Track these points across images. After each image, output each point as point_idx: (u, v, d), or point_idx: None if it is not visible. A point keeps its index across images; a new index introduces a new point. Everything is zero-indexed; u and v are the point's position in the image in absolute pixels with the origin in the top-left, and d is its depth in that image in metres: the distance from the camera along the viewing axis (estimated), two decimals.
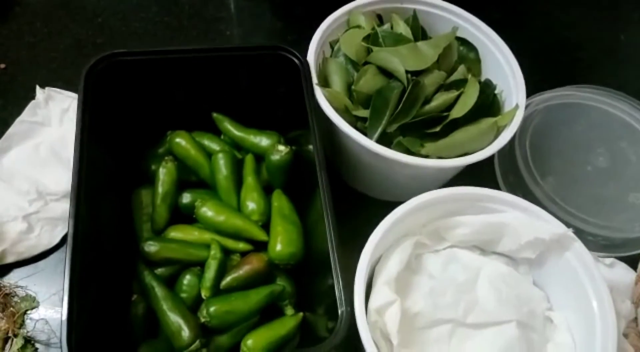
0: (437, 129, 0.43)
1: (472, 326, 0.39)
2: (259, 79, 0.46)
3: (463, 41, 0.49)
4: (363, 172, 0.47)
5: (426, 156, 0.42)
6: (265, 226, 0.43)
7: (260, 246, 0.43)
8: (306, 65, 0.43)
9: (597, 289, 0.37)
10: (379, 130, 0.42)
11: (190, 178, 0.47)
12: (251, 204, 0.44)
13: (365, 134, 0.42)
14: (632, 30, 0.66)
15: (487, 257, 0.42)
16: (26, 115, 0.50)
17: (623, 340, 0.41)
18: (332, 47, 0.48)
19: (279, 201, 0.44)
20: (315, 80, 0.43)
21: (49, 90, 0.51)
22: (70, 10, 0.59)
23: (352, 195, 0.50)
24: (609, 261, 0.46)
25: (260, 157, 0.47)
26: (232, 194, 0.45)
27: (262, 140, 0.46)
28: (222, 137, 0.49)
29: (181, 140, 0.46)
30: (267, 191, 0.46)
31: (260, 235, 0.42)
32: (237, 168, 0.46)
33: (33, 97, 0.52)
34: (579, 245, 0.38)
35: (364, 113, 0.43)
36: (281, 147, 0.44)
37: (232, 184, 0.45)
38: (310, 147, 0.40)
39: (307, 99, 0.42)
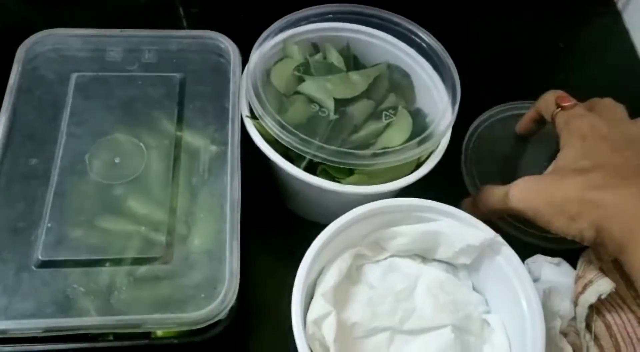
0: None
1: (410, 333, 0.42)
2: None
3: (396, 68, 0.51)
4: (296, 198, 0.49)
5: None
6: None
7: None
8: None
9: (526, 291, 0.40)
10: (306, 159, 0.44)
11: None
12: None
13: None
14: (571, 37, 0.67)
15: (428, 265, 0.44)
16: None
17: (562, 339, 0.43)
18: (268, 75, 0.50)
19: None
20: (246, 112, 0.44)
21: None
22: None
23: (290, 217, 0.52)
24: (556, 259, 0.47)
25: None
26: None
27: None
28: None
29: None
30: None
31: None
32: None
33: None
34: (507, 249, 0.41)
35: None
36: None
37: None
38: None
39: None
